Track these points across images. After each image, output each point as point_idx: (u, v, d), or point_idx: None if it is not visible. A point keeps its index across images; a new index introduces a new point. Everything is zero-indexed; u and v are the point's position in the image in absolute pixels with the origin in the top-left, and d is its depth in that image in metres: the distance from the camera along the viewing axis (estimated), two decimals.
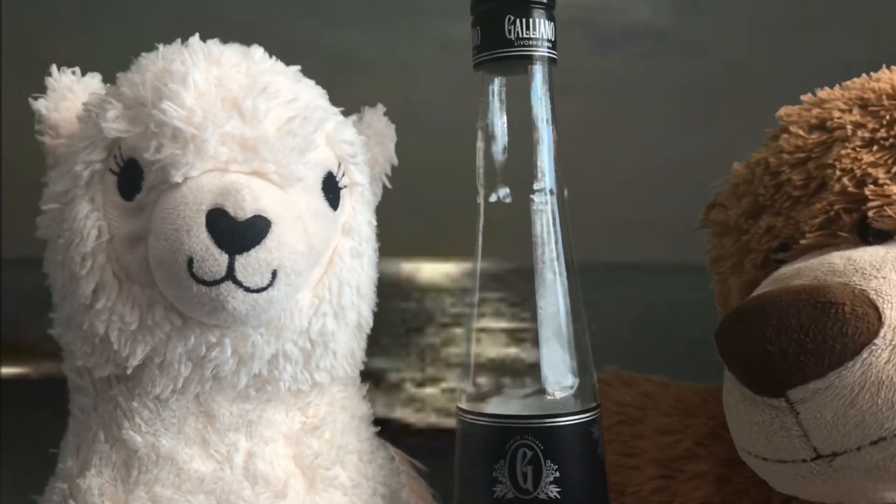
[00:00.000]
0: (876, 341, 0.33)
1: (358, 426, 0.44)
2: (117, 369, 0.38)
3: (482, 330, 0.42)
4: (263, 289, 0.35)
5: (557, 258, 0.41)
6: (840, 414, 0.34)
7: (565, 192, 0.43)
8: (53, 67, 0.43)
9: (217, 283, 0.35)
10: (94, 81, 0.43)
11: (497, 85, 0.42)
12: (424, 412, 0.79)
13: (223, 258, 0.34)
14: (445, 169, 0.42)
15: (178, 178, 0.36)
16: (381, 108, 0.48)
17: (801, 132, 0.43)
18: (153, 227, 0.36)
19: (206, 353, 0.37)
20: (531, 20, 0.40)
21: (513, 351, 0.42)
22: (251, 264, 0.35)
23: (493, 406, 0.41)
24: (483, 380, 0.42)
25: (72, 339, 0.39)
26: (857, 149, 0.40)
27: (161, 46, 0.40)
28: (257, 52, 0.41)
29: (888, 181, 0.39)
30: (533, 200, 0.42)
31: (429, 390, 0.80)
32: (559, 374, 0.41)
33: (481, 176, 0.43)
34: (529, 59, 0.41)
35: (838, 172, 0.40)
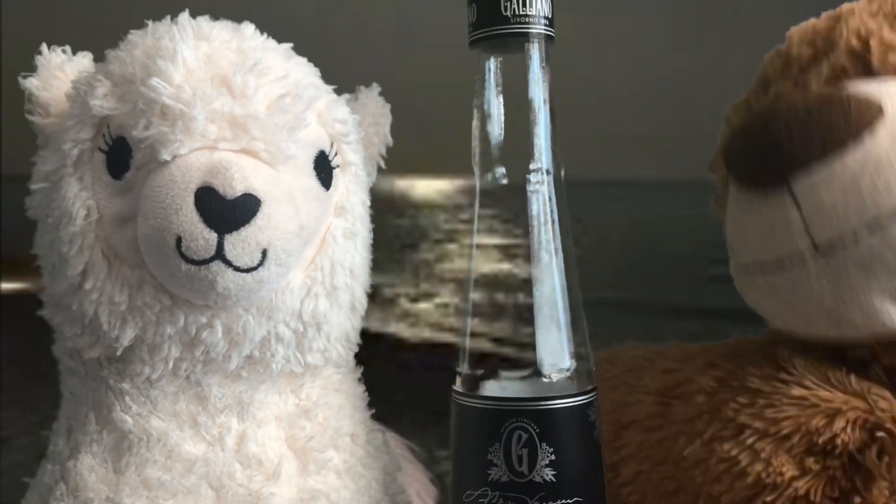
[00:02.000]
0: (877, 126, 0.36)
1: (352, 409, 0.44)
2: (107, 350, 0.38)
3: (477, 308, 0.42)
4: (253, 268, 0.35)
5: (554, 238, 0.41)
6: (840, 197, 0.36)
7: (562, 173, 0.42)
8: (44, 46, 0.42)
9: (206, 262, 0.34)
10: (84, 60, 0.43)
11: (493, 63, 0.42)
12: (418, 327, 0.79)
13: (212, 237, 0.34)
14: (440, 86, 0.41)
15: (167, 156, 0.35)
16: (375, 88, 0.48)
17: (808, 24, 0.45)
18: (142, 206, 0.35)
19: (197, 334, 0.37)
20: None
21: (510, 333, 0.42)
22: (240, 243, 0.34)
23: (489, 388, 0.41)
24: (478, 362, 0.42)
25: (62, 321, 0.39)
26: (864, 17, 0.42)
27: (150, 23, 0.39)
28: (248, 28, 0.40)
29: (891, 35, 0.41)
30: (529, 180, 0.41)
31: (423, 305, 0.80)
32: (555, 356, 0.40)
33: (477, 156, 0.42)
34: (526, 37, 0.40)
35: (846, 33, 0.42)
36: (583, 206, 0.44)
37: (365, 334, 0.45)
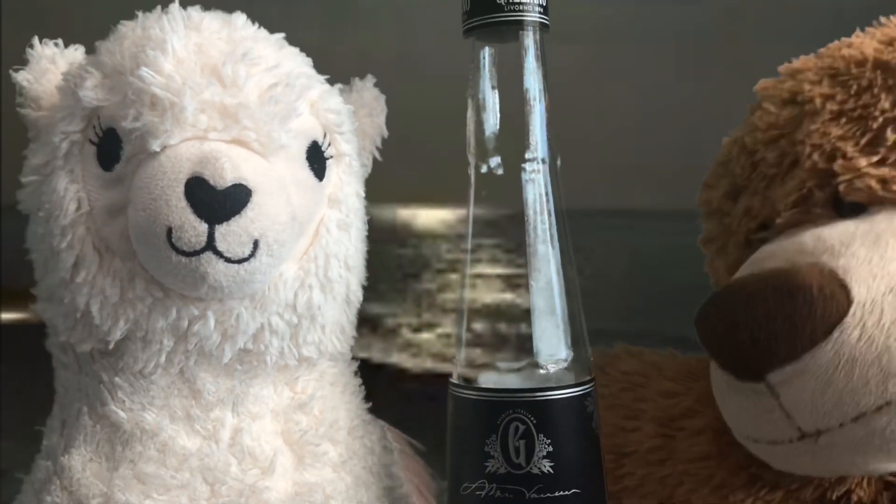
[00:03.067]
0: (846, 320, 0.33)
1: (348, 402, 0.44)
2: (99, 344, 0.38)
3: (474, 304, 0.42)
4: (245, 259, 0.35)
5: (550, 228, 0.40)
6: (818, 394, 0.34)
7: (558, 162, 0.42)
8: (35, 39, 0.42)
9: (197, 253, 0.34)
10: (76, 53, 0.42)
11: (487, 52, 0.41)
12: (421, 357, 0.79)
13: (202, 228, 0.34)
14: (442, 116, 0.41)
15: (157, 147, 0.35)
16: (370, 79, 0.47)
17: (772, 108, 0.43)
18: (132, 197, 0.35)
19: (189, 327, 0.37)
20: None
21: (505, 325, 0.41)
22: (231, 234, 0.34)
23: (485, 379, 0.40)
24: (475, 353, 0.41)
25: (54, 314, 0.38)
26: (827, 122, 0.40)
27: (140, 14, 0.39)
28: (239, 18, 0.40)
29: (857, 154, 0.39)
30: (524, 170, 0.40)
31: (425, 335, 0.79)
32: (552, 346, 0.40)
33: (472, 146, 0.42)
34: (520, 25, 0.40)
35: (808, 148, 0.40)
36: (586, 236, 0.43)
37: (367, 365, 0.45)
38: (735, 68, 0.47)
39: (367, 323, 0.46)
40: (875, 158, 0.38)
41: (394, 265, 0.80)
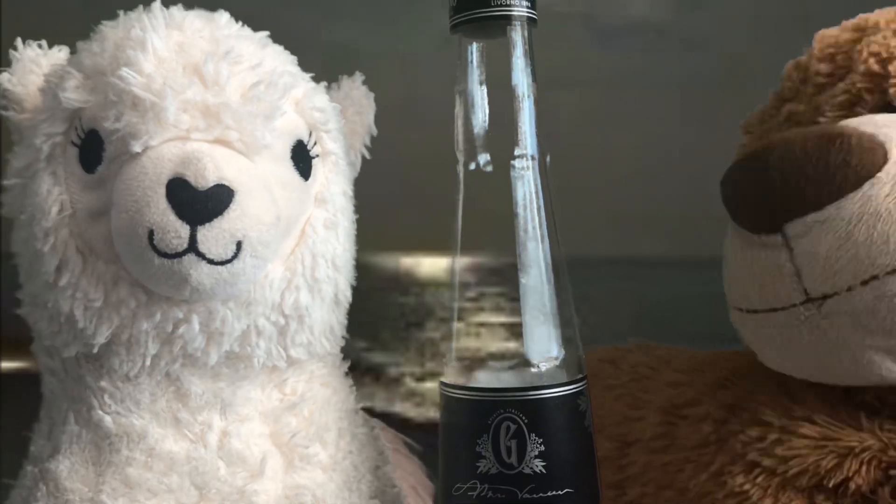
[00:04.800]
0: (879, 174, 0.33)
1: (339, 403, 0.43)
2: (84, 348, 0.37)
3: (464, 307, 0.41)
4: (228, 261, 0.34)
5: (540, 225, 0.40)
6: (834, 248, 0.33)
7: (548, 158, 0.41)
8: (18, 41, 0.41)
9: (179, 255, 0.33)
10: (60, 54, 0.42)
11: (475, 48, 0.41)
12: (424, 406, 0.79)
13: (184, 230, 0.33)
14: (446, 163, 0.41)
15: (138, 148, 0.34)
16: (359, 77, 0.47)
17: (833, 32, 0.43)
18: (114, 199, 0.35)
19: (174, 330, 0.36)
20: None
21: (496, 322, 0.41)
22: (214, 235, 0.33)
23: (476, 379, 0.40)
24: (466, 353, 0.41)
25: (38, 318, 0.38)
26: (888, 36, 0.40)
27: (122, 13, 0.39)
28: (222, 17, 0.39)
29: None
30: (514, 166, 0.40)
31: (428, 385, 0.79)
32: (543, 345, 0.39)
33: (460, 143, 0.41)
34: (508, 20, 0.40)
35: (865, 54, 0.40)
36: (590, 284, 0.43)
37: (370, 414, 0.44)
38: (741, 116, 0.47)
39: (370, 372, 0.46)
40: None
41: (396, 314, 0.80)
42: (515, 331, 0.39)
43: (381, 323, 0.43)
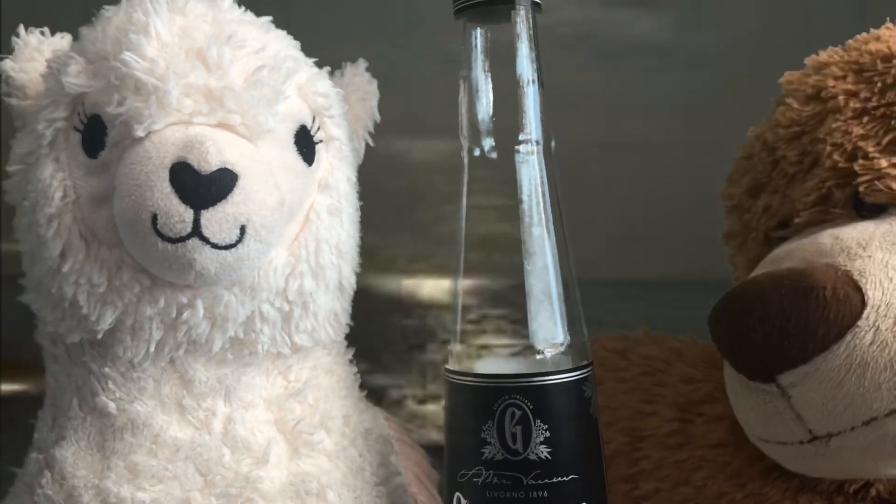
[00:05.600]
0: (859, 323, 0.33)
1: (344, 390, 0.43)
2: (88, 334, 0.37)
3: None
4: (232, 245, 0.34)
5: (545, 211, 0.40)
6: (829, 396, 0.33)
7: (552, 143, 0.41)
8: (21, 27, 0.41)
9: (183, 239, 0.33)
10: (63, 41, 0.42)
11: (479, 33, 0.41)
12: (426, 429, 0.79)
13: (188, 214, 0.33)
14: (449, 182, 0.41)
15: (141, 133, 0.34)
16: (362, 63, 0.47)
17: (795, 104, 0.42)
18: (117, 184, 0.34)
19: (178, 316, 0.36)
20: None
21: (500, 312, 0.41)
22: (217, 219, 0.33)
23: (481, 365, 0.40)
24: (470, 339, 0.41)
25: (42, 305, 0.38)
26: (849, 121, 0.39)
27: None
28: (225, 1, 0.39)
29: (877, 154, 0.38)
30: (518, 151, 0.40)
31: (430, 407, 0.79)
32: (548, 331, 0.39)
33: (465, 129, 0.41)
34: (512, 4, 0.39)
35: (829, 147, 0.40)
36: (596, 307, 0.43)
37: None
38: (743, 136, 0.47)
39: (371, 395, 0.46)
40: None
41: (398, 336, 0.80)
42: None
43: (382, 345, 0.43)
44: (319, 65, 0.42)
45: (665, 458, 0.45)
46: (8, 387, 0.70)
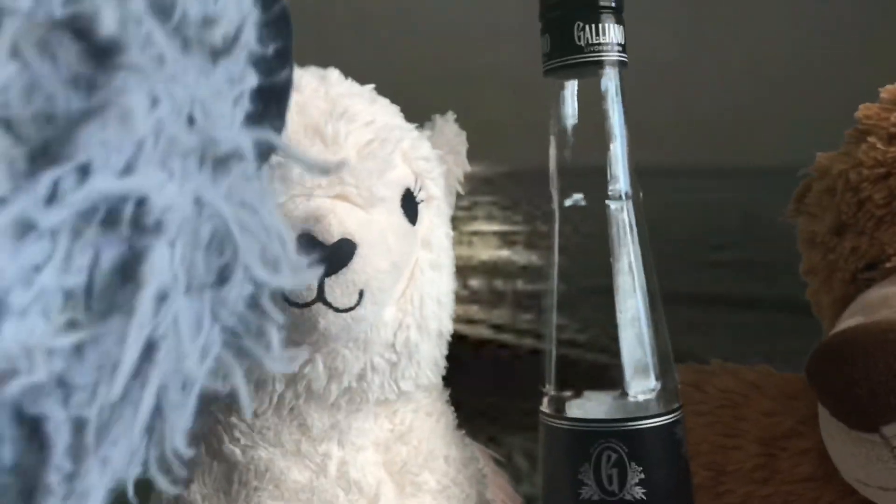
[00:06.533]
0: None
1: (443, 430, 0.46)
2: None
3: (559, 328, 0.43)
4: (352, 308, 0.37)
5: (635, 260, 0.42)
6: None
7: (640, 195, 0.43)
8: None
9: (308, 305, 0.36)
10: None
11: (568, 91, 0.43)
12: None
13: (314, 282, 0.36)
14: (440, 73, 0.42)
15: None
16: (451, 116, 0.49)
17: (879, 144, 0.42)
18: None
19: (300, 370, 0.39)
20: (601, 25, 0.40)
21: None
22: (340, 286, 0.36)
23: (575, 409, 0.42)
24: (564, 382, 0.43)
25: None
26: None
27: None
28: (333, 74, 0.42)
29: None
30: (608, 206, 0.42)
31: None
32: (641, 377, 0.41)
33: (555, 181, 0.43)
34: (600, 65, 0.41)
35: None
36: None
37: None
38: (731, 25, 0.47)
39: None
40: None
41: None
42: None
43: None
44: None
45: (752, 492, 0.46)
46: None
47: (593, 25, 0.40)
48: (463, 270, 0.42)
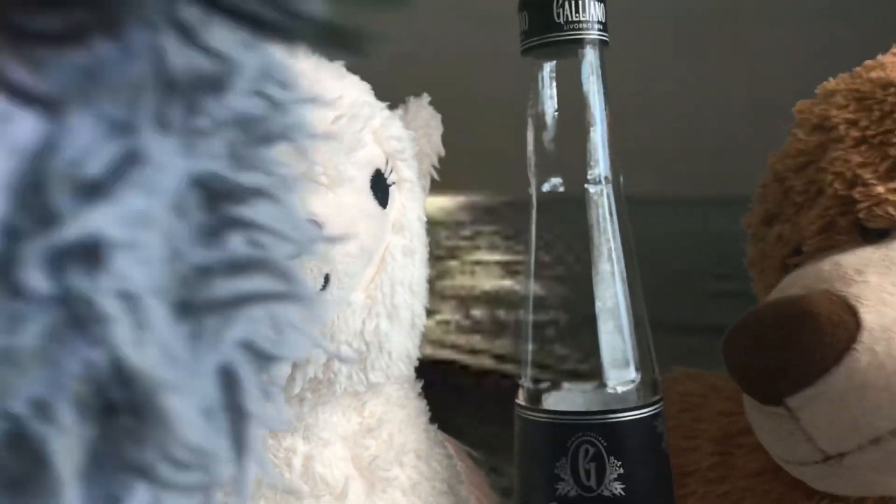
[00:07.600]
0: (855, 346, 0.34)
1: (415, 424, 0.44)
2: None
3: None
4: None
5: (614, 247, 0.40)
6: (834, 417, 0.34)
7: (621, 179, 0.41)
8: None
9: None
10: None
11: (547, 71, 0.41)
12: (420, 345, 0.80)
13: None
14: (442, 101, 0.41)
15: None
16: (426, 98, 0.47)
17: (801, 134, 0.44)
18: None
19: None
20: (582, 2, 0.39)
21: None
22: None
23: (553, 402, 0.40)
24: (540, 375, 0.41)
25: None
26: (849, 150, 0.41)
27: None
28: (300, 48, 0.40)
29: (875, 181, 0.39)
30: (587, 190, 0.40)
31: (425, 322, 0.80)
32: (620, 367, 0.40)
33: (532, 166, 0.42)
34: (580, 43, 0.40)
35: (830, 176, 0.41)
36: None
37: None
38: (733, 52, 0.47)
39: None
40: (894, 185, 0.39)
41: None
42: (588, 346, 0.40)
43: None
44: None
45: (709, 492, 0.46)
46: None
47: (573, 2, 0.39)
48: (465, 300, 0.41)
